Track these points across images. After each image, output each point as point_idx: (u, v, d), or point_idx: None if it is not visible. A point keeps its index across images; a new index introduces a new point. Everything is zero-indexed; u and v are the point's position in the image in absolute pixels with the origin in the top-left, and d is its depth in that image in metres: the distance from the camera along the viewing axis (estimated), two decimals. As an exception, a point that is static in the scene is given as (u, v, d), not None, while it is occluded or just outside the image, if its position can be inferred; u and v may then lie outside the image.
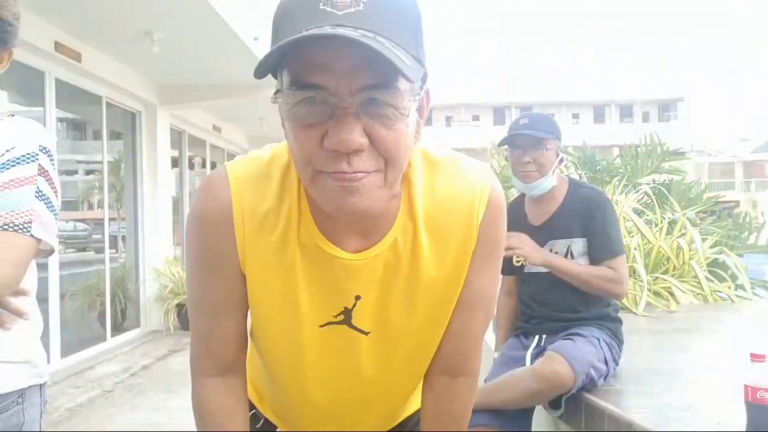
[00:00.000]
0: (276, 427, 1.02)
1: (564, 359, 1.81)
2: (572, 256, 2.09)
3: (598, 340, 1.98)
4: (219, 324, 0.89)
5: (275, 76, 0.72)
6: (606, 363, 1.98)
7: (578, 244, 2.09)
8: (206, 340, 0.91)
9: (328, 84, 0.67)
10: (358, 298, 0.85)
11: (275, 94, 0.72)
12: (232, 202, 0.82)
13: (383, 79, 0.67)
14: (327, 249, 0.83)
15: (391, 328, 0.88)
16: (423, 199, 0.84)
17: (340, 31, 0.64)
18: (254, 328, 0.93)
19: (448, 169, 0.86)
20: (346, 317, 0.87)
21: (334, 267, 0.84)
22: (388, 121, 0.69)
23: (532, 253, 2.04)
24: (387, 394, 0.97)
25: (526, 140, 2.09)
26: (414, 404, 1.06)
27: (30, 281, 1.17)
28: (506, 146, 2.19)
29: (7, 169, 1.06)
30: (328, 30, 0.64)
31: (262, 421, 1.03)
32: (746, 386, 1.36)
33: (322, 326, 0.87)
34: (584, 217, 2.07)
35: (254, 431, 1.02)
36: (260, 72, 0.69)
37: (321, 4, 0.67)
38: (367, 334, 0.88)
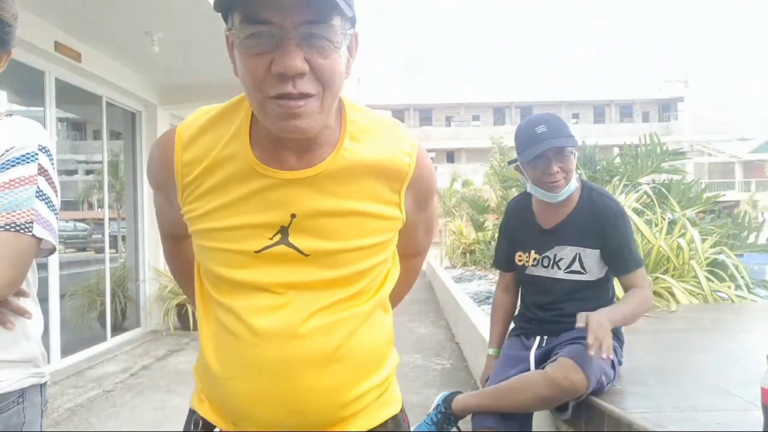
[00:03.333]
0: (214, 426, 1.02)
1: (577, 366, 1.80)
2: (581, 265, 2.06)
3: None
4: (162, 216, 1.15)
5: (225, 20, 0.86)
6: (614, 367, 1.98)
7: (591, 256, 2.04)
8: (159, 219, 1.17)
9: (275, 19, 0.81)
10: (293, 215, 0.93)
11: (228, 30, 0.85)
12: (176, 132, 0.97)
13: (321, 16, 0.82)
14: (261, 170, 0.92)
15: (329, 251, 0.94)
16: (362, 139, 0.96)
17: None
18: (203, 258, 0.99)
19: (385, 125, 1.00)
20: (283, 236, 0.93)
21: (269, 185, 0.92)
22: (324, 51, 0.83)
23: (607, 335, 1.70)
24: (325, 330, 0.95)
25: (553, 150, 1.97)
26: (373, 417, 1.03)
27: (30, 281, 1.17)
28: (522, 159, 2.05)
29: (7, 169, 1.06)
30: None
31: (201, 422, 1.03)
32: (763, 389, 1.34)
33: (258, 251, 0.93)
34: (600, 230, 2.01)
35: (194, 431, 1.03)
36: (218, 6, 0.83)
37: None
38: (306, 255, 0.94)
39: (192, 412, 1.06)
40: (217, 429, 1.02)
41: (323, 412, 0.97)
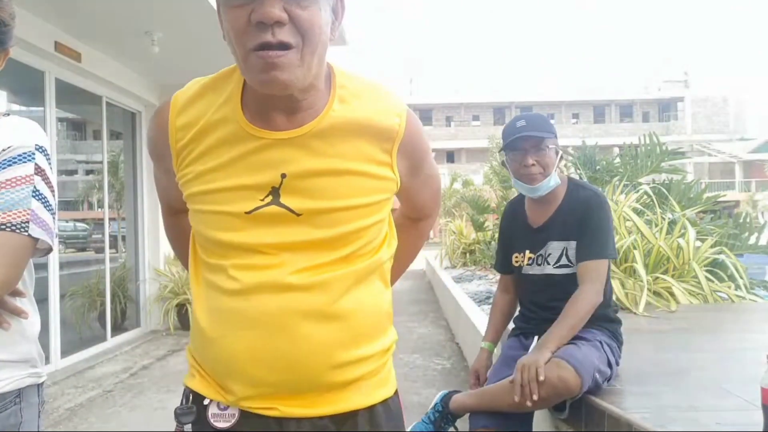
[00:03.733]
0: (204, 398, 1.02)
1: (570, 366, 1.80)
2: (567, 259, 2.08)
3: (601, 343, 1.98)
4: (161, 188, 1.17)
5: None
6: (610, 366, 1.98)
7: (574, 248, 2.07)
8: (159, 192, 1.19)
9: None
10: (284, 176, 0.93)
11: None
12: (171, 99, 1.00)
13: None
14: (251, 131, 0.94)
15: (321, 210, 0.94)
16: (351, 102, 0.97)
17: None
18: (196, 222, 1.00)
19: (375, 88, 1.02)
20: (274, 197, 0.94)
21: (260, 146, 0.94)
22: (303, 2, 0.86)
23: (540, 363, 1.80)
24: (315, 288, 0.94)
25: (528, 142, 2.06)
26: (358, 397, 1.01)
27: (27, 281, 1.17)
28: (504, 152, 2.15)
29: (3, 168, 1.06)
30: None
31: (191, 396, 1.04)
32: (763, 389, 1.34)
33: (249, 212, 0.94)
34: (579, 220, 2.05)
35: (185, 406, 1.04)
36: None
37: None
38: (298, 215, 0.94)
39: (184, 389, 1.07)
40: (207, 400, 1.01)
41: (318, 369, 0.96)
